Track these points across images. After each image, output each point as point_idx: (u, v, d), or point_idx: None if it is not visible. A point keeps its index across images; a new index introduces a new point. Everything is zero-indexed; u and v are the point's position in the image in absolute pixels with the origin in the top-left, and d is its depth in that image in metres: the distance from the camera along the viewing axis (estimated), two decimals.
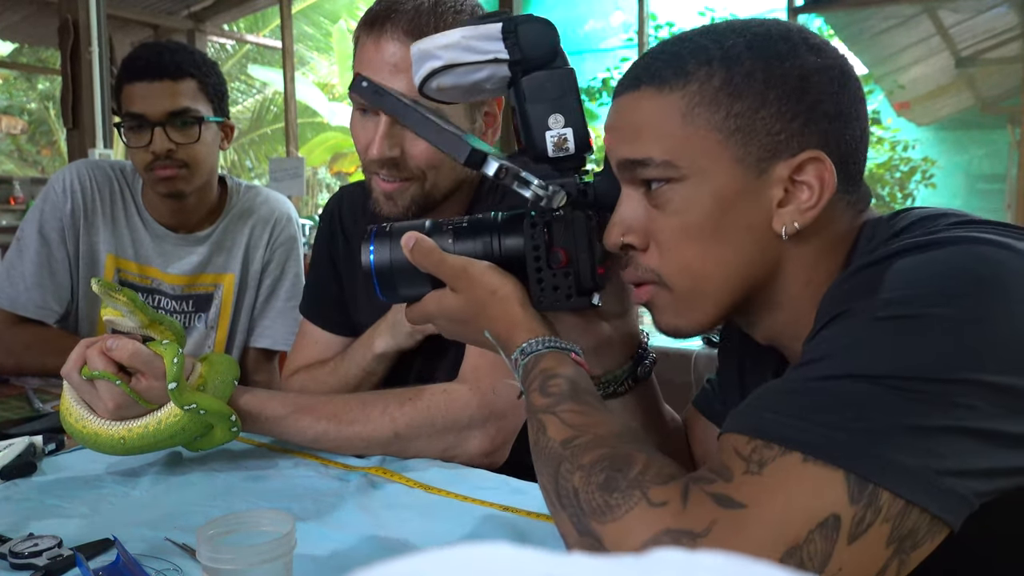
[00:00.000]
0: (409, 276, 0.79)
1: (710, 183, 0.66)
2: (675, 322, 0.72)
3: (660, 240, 0.69)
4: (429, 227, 0.80)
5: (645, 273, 0.71)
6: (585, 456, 0.61)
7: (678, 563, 0.23)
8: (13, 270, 1.57)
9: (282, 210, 1.70)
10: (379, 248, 0.80)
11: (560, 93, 0.76)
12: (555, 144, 0.76)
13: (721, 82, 0.66)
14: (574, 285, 0.76)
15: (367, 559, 0.77)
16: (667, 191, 0.68)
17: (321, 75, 12.17)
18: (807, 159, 0.65)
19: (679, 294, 0.70)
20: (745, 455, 0.55)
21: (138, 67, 1.51)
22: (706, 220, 0.67)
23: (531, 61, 0.76)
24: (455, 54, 0.76)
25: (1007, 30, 6.18)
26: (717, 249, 0.68)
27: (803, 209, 0.66)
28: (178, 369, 0.95)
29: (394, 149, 1.06)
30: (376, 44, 1.04)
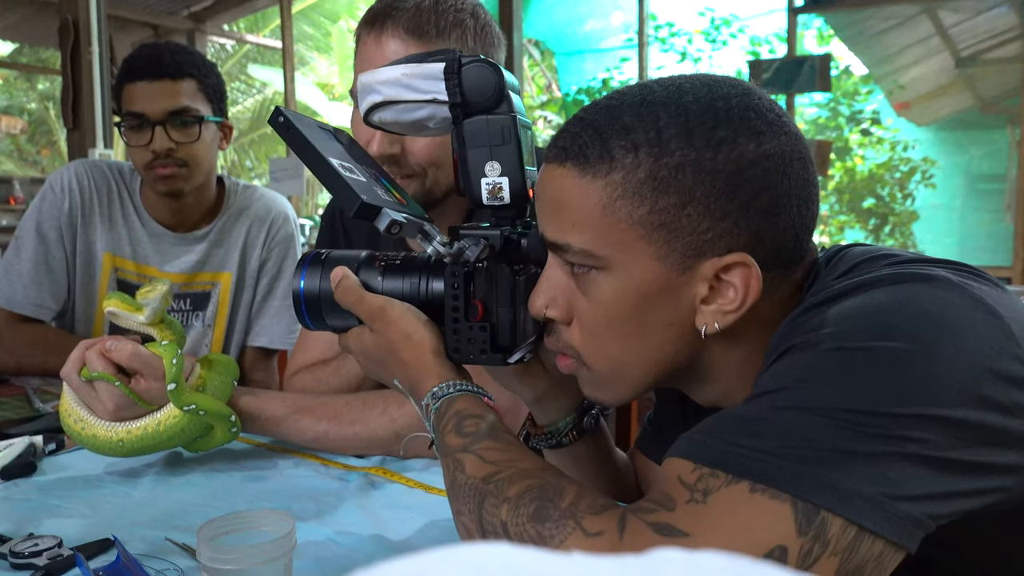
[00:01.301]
0: (336, 308, 0.78)
1: (631, 277, 0.64)
2: (597, 395, 0.72)
3: (582, 322, 0.68)
4: (363, 259, 0.78)
5: (565, 347, 0.70)
6: (511, 488, 0.60)
7: (679, 562, 0.23)
8: (11, 268, 1.57)
9: (279, 209, 1.70)
10: (310, 276, 0.79)
11: (499, 140, 0.74)
12: (489, 192, 0.74)
13: (646, 174, 0.62)
14: (489, 340, 0.74)
15: (367, 559, 0.77)
16: (589, 277, 0.66)
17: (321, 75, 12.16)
18: (733, 262, 0.62)
19: (598, 375, 0.69)
20: (690, 483, 0.54)
21: (139, 67, 1.51)
22: (627, 313, 0.65)
23: (472, 105, 0.74)
24: (395, 91, 0.75)
25: (1007, 30, 6.18)
26: (637, 342, 0.66)
27: (726, 311, 0.64)
28: (177, 370, 0.95)
29: (394, 146, 1.06)
30: (377, 41, 1.04)
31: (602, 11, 7.68)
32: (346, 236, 1.30)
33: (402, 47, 1.02)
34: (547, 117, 9.77)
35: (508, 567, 0.22)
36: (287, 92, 7.07)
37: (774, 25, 7.48)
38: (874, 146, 8.48)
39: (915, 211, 8.30)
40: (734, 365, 0.68)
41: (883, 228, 8.39)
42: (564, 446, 0.85)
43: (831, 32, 7.80)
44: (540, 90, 10.67)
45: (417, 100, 0.75)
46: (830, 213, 8.61)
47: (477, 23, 1.07)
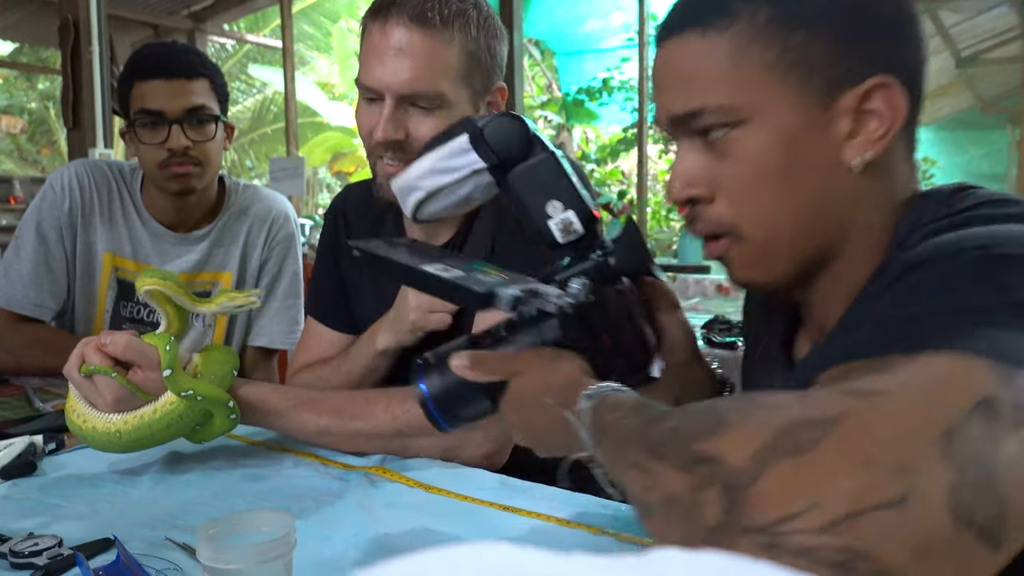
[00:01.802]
0: (465, 396, 0.75)
1: (772, 124, 0.62)
2: (751, 274, 0.68)
3: (727, 190, 0.65)
4: (465, 343, 0.77)
5: (714, 226, 0.67)
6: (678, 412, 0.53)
7: (680, 562, 0.23)
8: (10, 268, 1.57)
9: (279, 209, 1.70)
10: (429, 381, 0.76)
11: (549, 180, 0.73)
12: (562, 230, 0.73)
13: (769, 17, 0.61)
14: (625, 365, 0.73)
15: (367, 559, 0.77)
16: (728, 138, 0.64)
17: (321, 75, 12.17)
18: (874, 86, 0.61)
19: (754, 244, 0.66)
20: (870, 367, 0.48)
21: (152, 65, 1.51)
22: (774, 163, 0.63)
23: (509, 160, 0.74)
24: (434, 180, 0.75)
25: (1007, 30, 6.18)
26: (789, 192, 0.64)
27: (874, 139, 0.62)
28: (171, 356, 0.96)
29: (398, 132, 1.07)
30: (382, 30, 1.06)
31: (602, 11, 7.68)
32: (348, 233, 1.30)
33: (406, 34, 1.04)
34: (547, 117, 9.76)
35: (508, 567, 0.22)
36: (287, 92, 7.07)
37: None
38: None
39: None
40: (862, 231, 0.65)
41: None
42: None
43: None
44: (540, 90, 10.67)
45: (457, 180, 0.75)
46: None
47: (480, 14, 1.09)
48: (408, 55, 1.04)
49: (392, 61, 1.04)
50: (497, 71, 1.13)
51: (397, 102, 1.06)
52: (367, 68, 1.07)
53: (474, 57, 1.08)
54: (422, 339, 1.15)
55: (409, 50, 1.04)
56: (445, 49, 1.05)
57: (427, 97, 1.06)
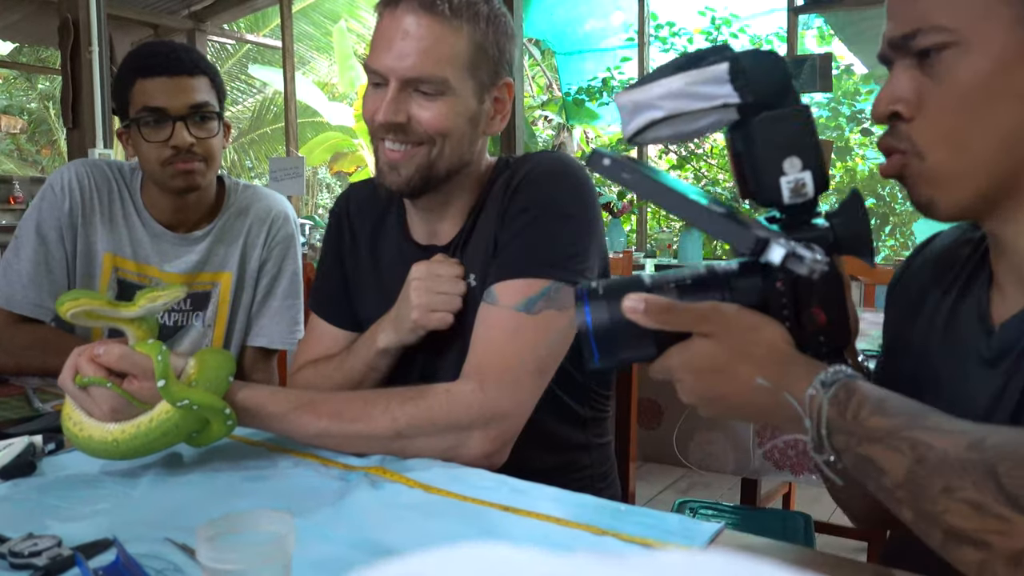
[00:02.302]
0: (631, 338, 0.70)
1: (989, 46, 0.62)
2: (932, 193, 0.68)
3: (929, 108, 0.66)
4: (649, 284, 0.71)
5: (901, 141, 0.68)
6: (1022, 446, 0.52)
7: (680, 563, 0.23)
8: (10, 268, 1.57)
9: (279, 209, 1.70)
10: (596, 310, 0.71)
11: (796, 134, 0.68)
12: (792, 190, 0.69)
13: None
14: (826, 344, 0.69)
15: (367, 559, 0.77)
16: (943, 58, 0.64)
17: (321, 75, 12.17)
18: None
19: (933, 166, 0.66)
20: None
21: (154, 63, 1.51)
22: (982, 87, 0.63)
23: (763, 102, 0.68)
24: (679, 103, 0.69)
25: None
26: (986, 119, 0.63)
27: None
28: (164, 366, 0.95)
29: (400, 115, 1.08)
30: (392, 15, 1.08)
31: (602, 11, 7.68)
32: (351, 235, 1.31)
33: (414, 20, 1.06)
34: (547, 117, 9.76)
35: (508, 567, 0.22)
36: (287, 92, 7.07)
37: (774, 25, 7.48)
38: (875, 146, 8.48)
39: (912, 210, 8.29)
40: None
41: (884, 228, 8.39)
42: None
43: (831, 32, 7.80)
44: (540, 90, 10.67)
45: (704, 108, 0.69)
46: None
47: (491, 9, 1.11)
48: (415, 40, 1.06)
49: (399, 45, 1.06)
50: (504, 67, 1.13)
51: (401, 85, 1.07)
52: (375, 52, 1.09)
53: (481, 49, 1.09)
54: (423, 338, 1.15)
55: (416, 35, 1.06)
56: (452, 37, 1.07)
57: (431, 82, 1.06)
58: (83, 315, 0.98)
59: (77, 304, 0.97)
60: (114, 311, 0.99)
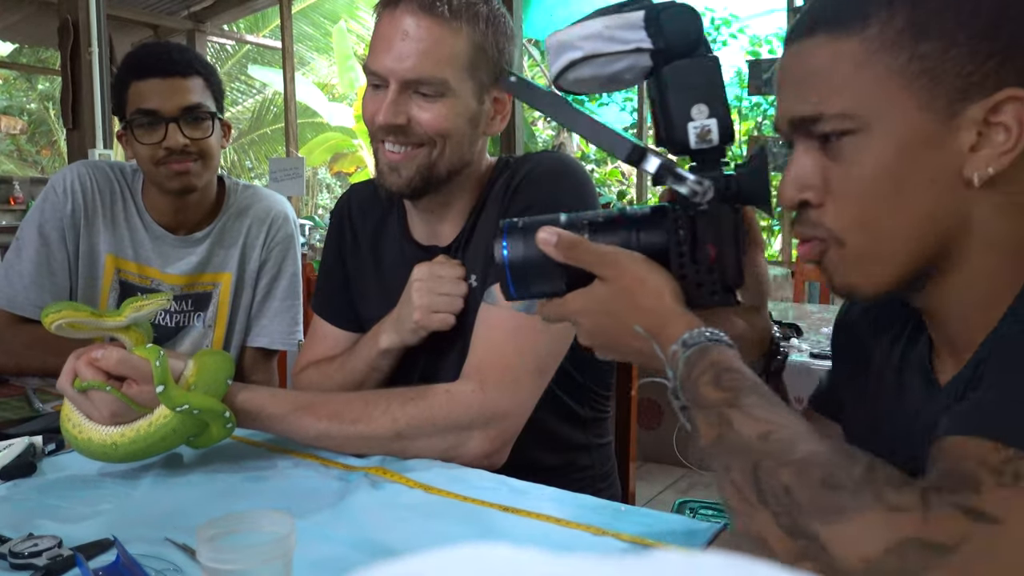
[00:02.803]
0: (544, 271, 0.76)
1: (892, 133, 0.61)
2: (850, 279, 0.68)
3: (838, 194, 0.65)
4: (564, 222, 0.77)
5: (818, 229, 0.67)
6: (795, 451, 0.56)
7: (680, 563, 0.23)
8: (11, 270, 1.57)
9: (279, 209, 1.70)
10: (512, 244, 0.76)
11: (704, 82, 0.73)
12: (698, 135, 0.73)
13: (905, 22, 0.60)
14: (719, 282, 0.74)
15: (367, 559, 0.77)
16: (845, 144, 0.63)
17: (321, 75, 12.17)
18: (1005, 99, 0.59)
19: (852, 251, 0.66)
20: (994, 465, 0.49)
21: (147, 64, 1.51)
22: (888, 173, 0.62)
23: (673, 49, 0.72)
24: (596, 44, 0.73)
25: None
26: (898, 204, 0.62)
27: (999, 152, 0.60)
28: (162, 371, 0.95)
29: (399, 116, 1.08)
30: (391, 16, 1.08)
31: None
32: (353, 234, 1.31)
33: (414, 22, 1.06)
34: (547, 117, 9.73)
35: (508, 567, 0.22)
36: (287, 92, 7.07)
37: (774, 25, 7.48)
38: None
39: None
40: (984, 248, 0.64)
41: None
42: None
43: None
44: None
45: (619, 51, 0.73)
46: None
47: (490, 10, 1.11)
48: (414, 41, 1.06)
49: (398, 46, 1.06)
50: (504, 68, 1.13)
51: (401, 87, 1.07)
52: (374, 54, 1.09)
53: (481, 49, 1.09)
54: (425, 339, 1.15)
55: (416, 36, 1.06)
56: (452, 38, 1.07)
57: (430, 83, 1.06)
58: (67, 327, 0.97)
59: (60, 316, 0.96)
60: (98, 321, 0.98)
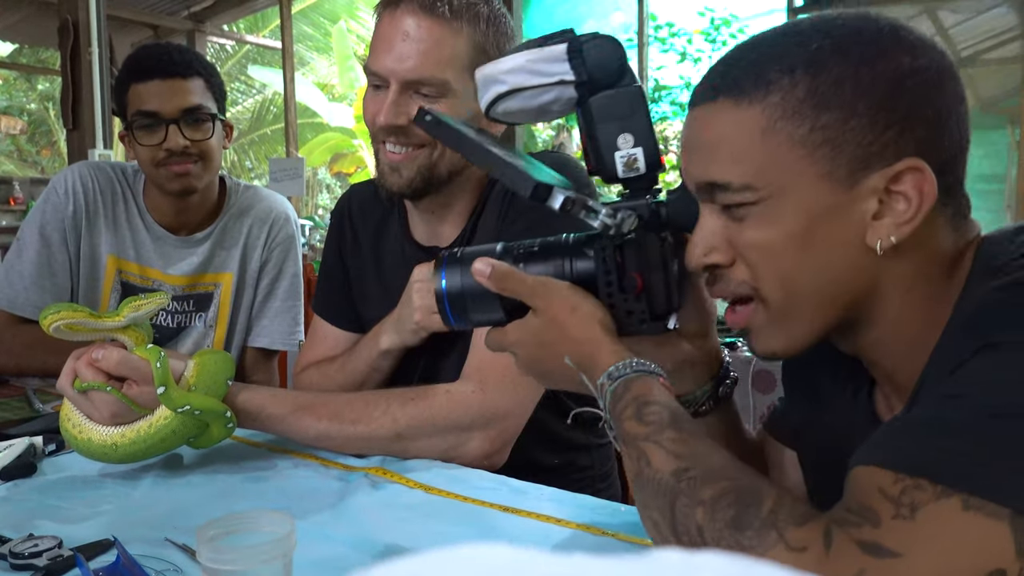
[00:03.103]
0: (481, 301, 0.77)
1: (795, 202, 0.62)
2: (772, 344, 0.68)
3: (746, 255, 0.66)
4: (500, 251, 0.78)
5: (738, 287, 0.67)
6: (705, 490, 0.57)
7: (679, 563, 0.23)
8: (12, 270, 1.57)
9: (280, 209, 1.70)
10: (451, 275, 0.78)
11: (629, 112, 0.74)
12: (625, 164, 0.74)
13: (806, 92, 0.61)
14: (647, 310, 0.74)
15: (367, 559, 0.77)
16: (753, 212, 0.64)
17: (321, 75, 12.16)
18: (904, 169, 0.60)
19: (775, 309, 0.66)
20: (893, 496, 0.50)
21: (148, 66, 1.51)
22: (793, 237, 0.63)
23: (598, 81, 0.74)
24: (520, 78, 0.75)
25: (1007, 30, 6.18)
26: (807, 261, 0.63)
27: (900, 222, 0.61)
28: (163, 372, 0.95)
29: (400, 117, 1.08)
30: (392, 17, 1.08)
31: (602, 11, 7.68)
32: (353, 235, 1.31)
33: (414, 22, 1.06)
34: None
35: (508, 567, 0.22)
36: (287, 92, 7.07)
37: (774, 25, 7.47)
38: None
39: None
40: (898, 300, 0.65)
41: None
42: (701, 415, 0.83)
43: None
44: None
45: (543, 84, 0.75)
46: None
47: (491, 10, 1.11)
48: (415, 42, 1.06)
49: (399, 47, 1.06)
50: None
51: (402, 88, 1.07)
52: (375, 54, 1.09)
53: (481, 50, 1.09)
54: (425, 339, 1.15)
55: (416, 37, 1.06)
56: (453, 38, 1.07)
57: (431, 84, 1.06)
58: (65, 328, 0.96)
59: (58, 317, 0.95)
60: (97, 322, 0.97)
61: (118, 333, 0.99)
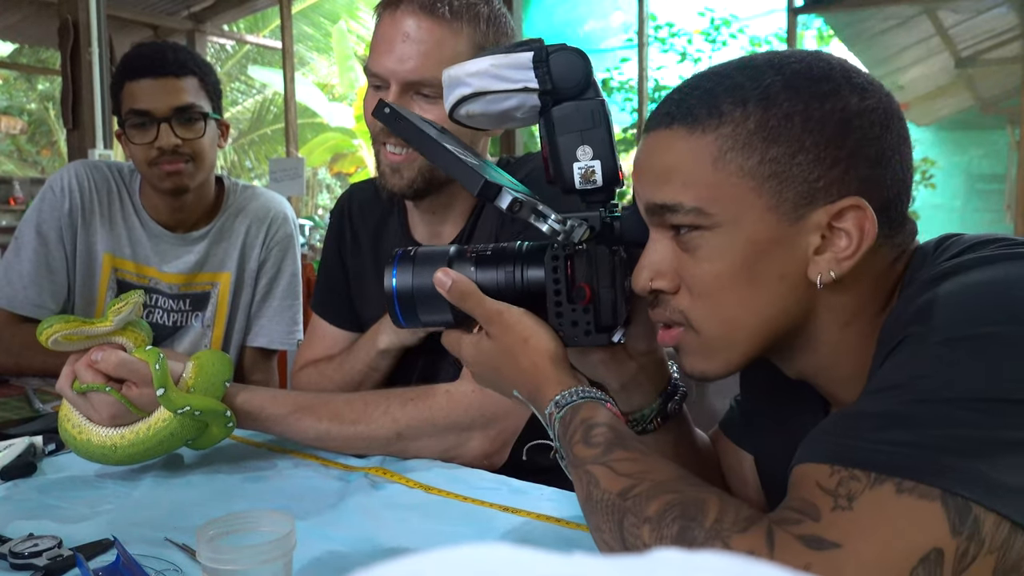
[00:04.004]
0: (430, 303, 0.77)
1: (742, 231, 0.64)
2: (702, 367, 0.70)
3: (691, 285, 0.67)
4: (453, 253, 0.78)
5: (674, 314, 0.69)
6: (650, 506, 0.59)
7: (679, 563, 0.23)
8: (10, 269, 1.57)
9: (278, 209, 1.70)
10: (402, 274, 0.78)
11: (590, 124, 0.75)
12: (582, 176, 0.75)
13: (756, 125, 0.63)
14: (593, 321, 0.74)
15: (367, 559, 0.77)
16: (697, 237, 0.65)
17: (321, 75, 12.17)
18: (847, 207, 0.62)
19: (707, 339, 0.68)
20: (830, 488, 0.52)
21: (141, 65, 1.51)
22: (738, 269, 0.64)
23: (561, 91, 0.74)
24: (484, 82, 0.76)
25: (1007, 30, 6.18)
26: (749, 297, 0.65)
27: (840, 258, 0.63)
28: (162, 374, 0.95)
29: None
30: (392, 18, 1.08)
31: (602, 11, 7.68)
32: (353, 234, 1.31)
33: (415, 23, 1.06)
34: None
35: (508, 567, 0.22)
36: (287, 92, 7.07)
37: (774, 25, 7.49)
38: None
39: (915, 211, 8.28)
40: (837, 331, 0.67)
41: None
42: (649, 432, 0.84)
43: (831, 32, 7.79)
44: None
45: (507, 90, 0.76)
46: None
47: (491, 10, 1.10)
48: (415, 43, 1.06)
49: (399, 48, 1.06)
50: None
51: (402, 89, 1.07)
52: (375, 55, 1.09)
53: (481, 50, 1.08)
54: (424, 339, 1.15)
55: (416, 38, 1.06)
56: (453, 39, 1.06)
57: (432, 85, 1.06)
58: (62, 340, 0.97)
59: (52, 331, 0.95)
60: (89, 329, 0.97)
61: (117, 335, 0.99)
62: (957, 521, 0.49)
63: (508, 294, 0.76)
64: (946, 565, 0.49)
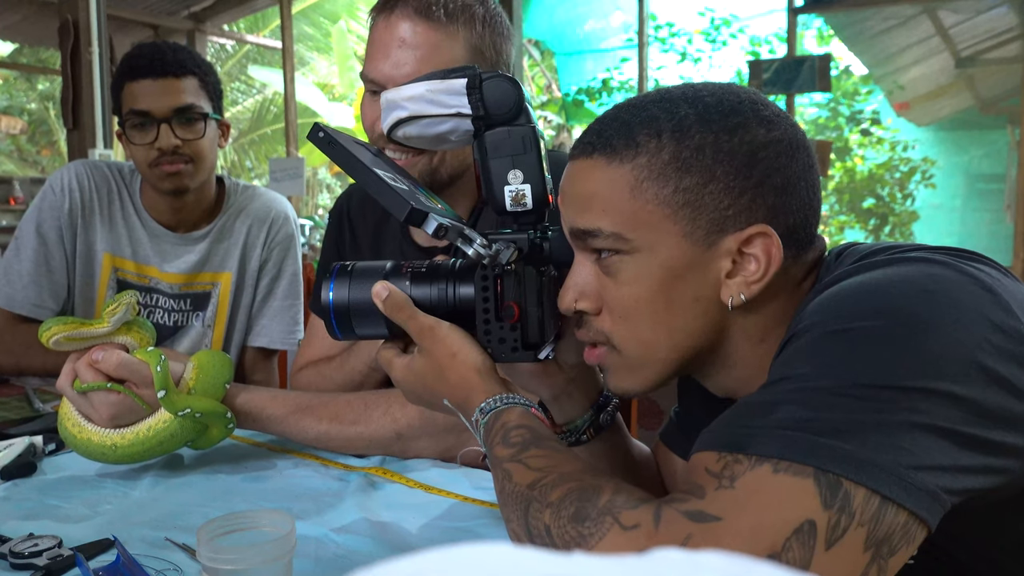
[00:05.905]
0: (365, 317, 0.80)
1: (658, 256, 0.67)
2: (624, 385, 0.74)
3: (612, 307, 0.71)
4: (389, 269, 0.81)
5: (597, 335, 0.73)
6: (553, 493, 0.62)
7: (679, 562, 0.23)
8: (10, 269, 1.57)
9: (279, 209, 1.70)
10: (339, 288, 0.80)
11: (521, 150, 0.78)
12: (513, 199, 0.78)
13: (670, 156, 0.66)
14: (520, 339, 0.77)
15: (367, 559, 0.77)
16: (617, 261, 0.69)
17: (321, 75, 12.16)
18: (754, 233, 0.66)
19: (628, 358, 0.72)
20: (716, 472, 0.56)
21: (141, 65, 1.51)
22: (655, 292, 0.68)
23: (494, 117, 0.78)
24: (419, 106, 0.80)
25: (1007, 30, 6.18)
26: (666, 318, 0.69)
27: (750, 281, 0.67)
28: (163, 375, 0.95)
29: None
30: (387, 23, 1.07)
31: (602, 11, 7.68)
32: (352, 234, 1.31)
33: (410, 27, 1.05)
34: (547, 117, 9.77)
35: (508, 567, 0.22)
36: (287, 92, 7.07)
37: (774, 25, 7.48)
38: (874, 146, 8.49)
39: (915, 211, 8.30)
40: (751, 349, 0.71)
41: (883, 228, 8.39)
42: (583, 443, 0.87)
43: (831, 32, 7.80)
44: (540, 90, 10.67)
45: (441, 115, 0.79)
46: (830, 213, 8.61)
47: (486, 11, 1.10)
48: (411, 47, 1.05)
49: (395, 53, 1.06)
50: (502, 68, 1.13)
51: None
52: (371, 61, 1.08)
53: (478, 52, 1.08)
54: None
55: (412, 43, 1.05)
56: (449, 43, 1.06)
57: None
58: (64, 341, 0.97)
59: (51, 333, 0.96)
60: (88, 331, 0.97)
61: (121, 335, 0.99)
62: (828, 495, 0.53)
63: (440, 310, 0.79)
64: (819, 536, 0.52)
